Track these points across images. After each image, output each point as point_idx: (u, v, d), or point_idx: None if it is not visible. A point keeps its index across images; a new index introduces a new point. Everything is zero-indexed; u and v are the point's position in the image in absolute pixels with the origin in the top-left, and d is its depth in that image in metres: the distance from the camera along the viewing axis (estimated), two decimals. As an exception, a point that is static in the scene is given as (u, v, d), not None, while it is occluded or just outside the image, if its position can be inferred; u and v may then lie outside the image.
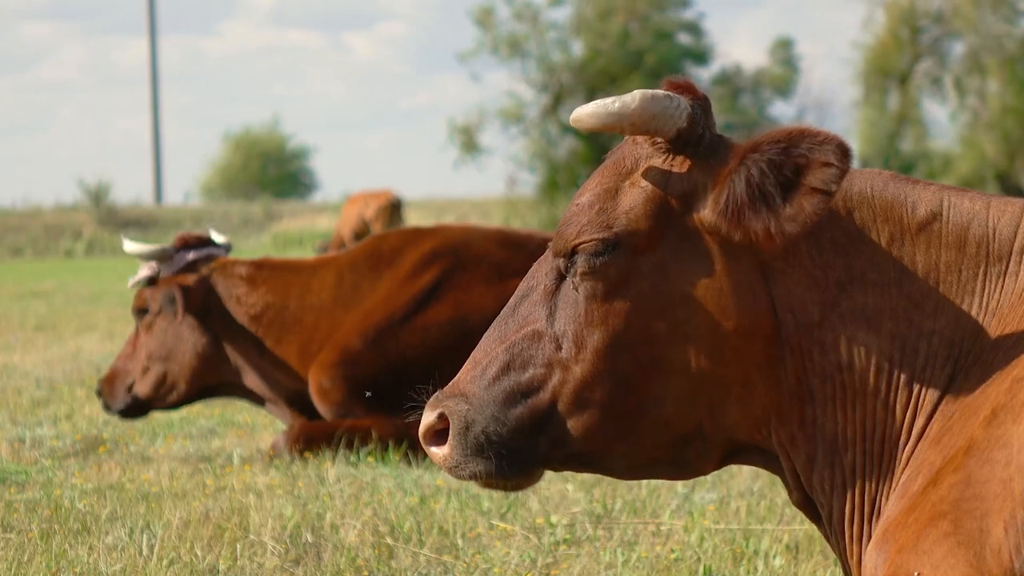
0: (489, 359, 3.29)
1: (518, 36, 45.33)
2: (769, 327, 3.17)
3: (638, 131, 3.21)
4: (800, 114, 47.86)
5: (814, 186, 3.09)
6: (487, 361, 3.29)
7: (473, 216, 45.67)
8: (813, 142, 3.10)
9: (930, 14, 47.12)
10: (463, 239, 7.97)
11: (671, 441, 3.25)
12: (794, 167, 3.11)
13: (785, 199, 3.10)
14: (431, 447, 3.29)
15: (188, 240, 8.14)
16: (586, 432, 3.23)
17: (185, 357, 7.88)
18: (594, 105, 3.20)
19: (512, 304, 3.34)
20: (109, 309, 19.72)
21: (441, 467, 3.29)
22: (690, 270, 3.19)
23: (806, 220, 3.09)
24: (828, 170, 3.08)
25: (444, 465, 3.27)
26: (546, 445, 3.24)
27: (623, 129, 3.21)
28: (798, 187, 3.10)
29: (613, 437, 3.23)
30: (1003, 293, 3.16)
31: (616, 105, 3.16)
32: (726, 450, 3.28)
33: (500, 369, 3.27)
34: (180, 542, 5.42)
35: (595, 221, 3.23)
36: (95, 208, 49.65)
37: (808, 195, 3.09)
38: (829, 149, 3.09)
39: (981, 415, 2.98)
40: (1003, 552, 2.81)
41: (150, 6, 76.31)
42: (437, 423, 3.29)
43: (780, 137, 3.13)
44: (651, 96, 3.16)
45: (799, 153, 3.10)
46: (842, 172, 3.08)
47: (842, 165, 3.08)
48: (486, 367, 3.28)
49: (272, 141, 79.12)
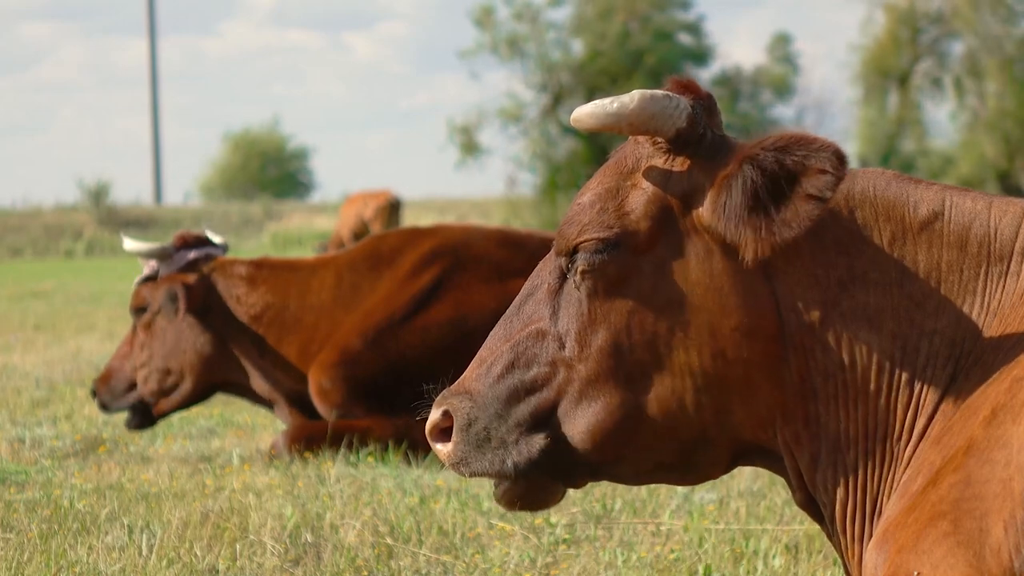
0: (494, 357, 3.30)
1: (518, 36, 45.35)
2: (772, 326, 3.17)
3: (637, 131, 3.22)
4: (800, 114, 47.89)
5: (809, 192, 3.09)
6: (492, 359, 3.30)
7: (473, 216, 45.69)
8: (810, 149, 3.11)
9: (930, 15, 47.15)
10: (463, 239, 7.97)
11: (677, 444, 3.24)
12: (790, 173, 3.11)
13: (780, 204, 3.11)
14: (436, 444, 3.31)
15: (188, 239, 8.13)
16: (590, 432, 3.23)
17: (186, 356, 7.88)
18: (593, 105, 3.20)
19: (517, 303, 3.35)
20: (109, 309, 19.73)
21: (446, 464, 3.30)
22: (691, 270, 3.19)
23: (800, 226, 3.10)
24: (823, 177, 3.09)
25: (448, 462, 3.29)
26: (550, 445, 3.24)
27: (622, 129, 3.21)
28: (793, 193, 3.11)
29: (616, 438, 3.23)
30: (1004, 293, 3.16)
31: (615, 105, 3.17)
32: (733, 452, 3.28)
33: (504, 367, 3.28)
34: (180, 542, 5.42)
35: (596, 220, 3.24)
36: (95, 208, 49.67)
37: (803, 201, 3.10)
38: (825, 156, 3.10)
39: (981, 415, 2.99)
40: (1003, 552, 2.81)
41: (150, 6, 76.35)
42: (442, 420, 3.31)
43: (777, 142, 3.13)
44: (650, 96, 3.17)
45: (795, 159, 3.11)
46: (837, 179, 3.09)
47: (837, 172, 3.09)
48: (491, 365, 3.29)
49: (272, 141, 79.14)
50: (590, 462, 3.28)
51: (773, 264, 3.18)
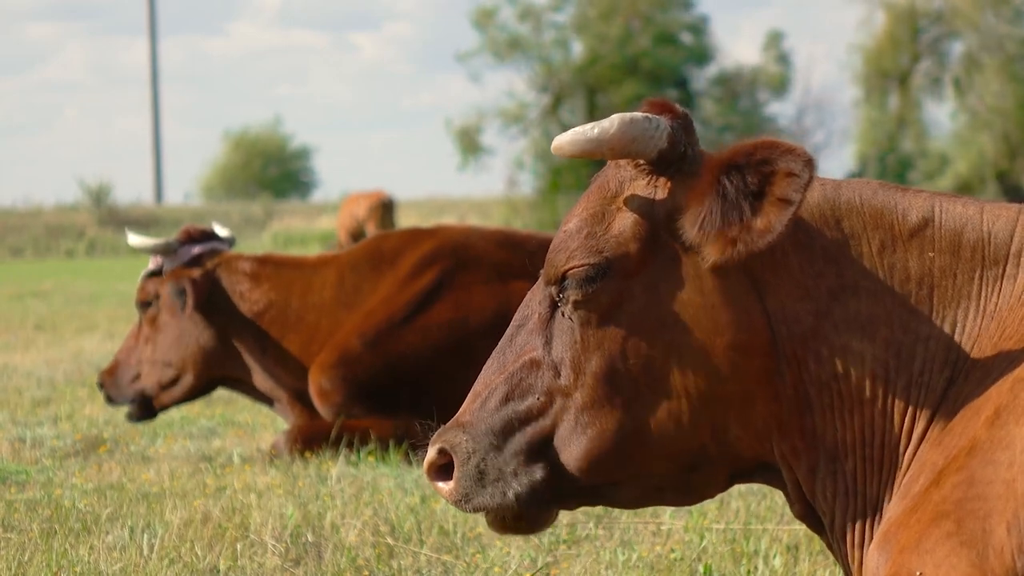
0: (489, 390, 3.27)
1: (519, 37, 45.33)
2: (764, 340, 3.17)
3: (619, 155, 3.20)
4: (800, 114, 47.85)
5: (779, 196, 3.09)
6: (487, 392, 3.28)
7: (473, 216, 45.68)
8: (777, 154, 3.11)
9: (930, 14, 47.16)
10: (463, 240, 7.98)
11: (676, 465, 3.24)
12: (761, 179, 3.11)
13: (754, 211, 3.10)
14: (436, 483, 3.27)
15: (193, 234, 8.14)
16: (588, 459, 3.21)
17: (189, 350, 7.90)
18: (573, 132, 3.18)
19: (509, 334, 3.33)
20: (109, 309, 19.73)
21: (448, 501, 3.26)
22: (681, 289, 3.18)
23: (774, 230, 3.08)
24: (792, 180, 3.08)
25: (451, 499, 3.25)
26: (551, 474, 3.22)
27: (604, 154, 3.20)
28: (764, 198, 3.10)
29: (616, 464, 3.22)
30: (1001, 296, 3.16)
31: (595, 131, 3.15)
32: (730, 470, 3.28)
33: (500, 399, 3.25)
34: (180, 542, 5.42)
35: (584, 246, 3.22)
36: (96, 208, 49.70)
37: (774, 206, 3.09)
38: (791, 159, 3.09)
39: (983, 416, 2.99)
40: (1006, 552, 2.81)
41: (150, 6, 76.34)
42: (438, 459, 3.27)
43: (747, 150, 3.14)
44: (629, 119, 3.15)
45: (764, 166, 3.11)
46: (806, 182, 3.08)
47: (805, 175, 3.08)
48: (486, 398, 3.27)
49: (273, 141, 79.11)
50: (589, 488, 3.26)
51: (762, 278, 3.17)
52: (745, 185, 3.11)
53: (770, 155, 3.11)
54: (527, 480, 3.22)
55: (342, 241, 23.44)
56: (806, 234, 3.18)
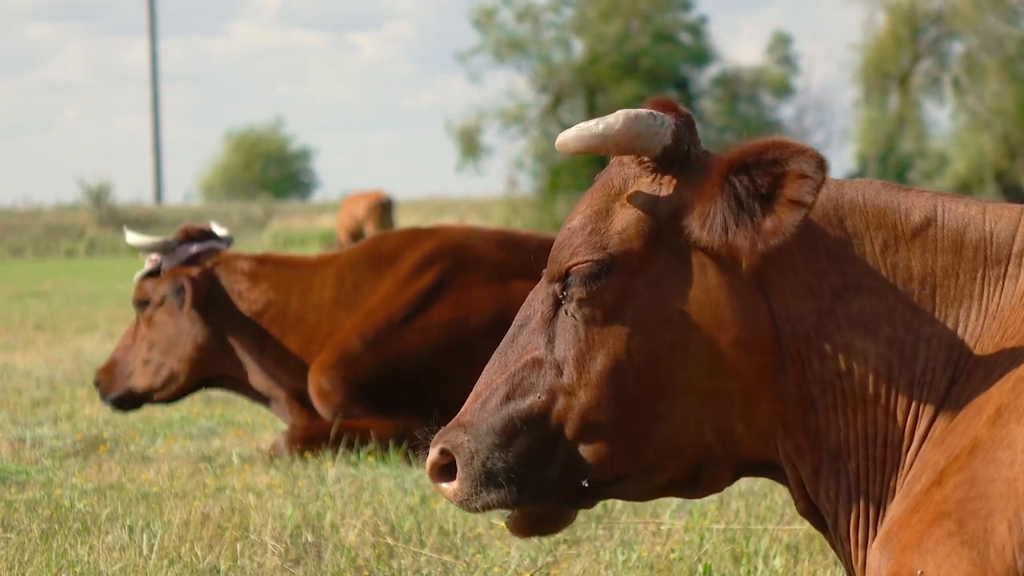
0: (490, 390, 3.26)
1: (519, 36, 45.34)
2: (768, 338, 3.17)
3: (623, 151, 3.20)
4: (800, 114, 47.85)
5: (791, 198, 3.09)
6: (488, 392, 3.26)
7: (473, 216, 45.69)
8: (789, 155, 3.10)
9: (930, 15, 47.16)
10: (463, 240, 7.97)
11: (682, 462, 3.24)
12: (771, 180, 3.11)
13: (764, 212, 3.10)
14: (439, 484, 3.25)
15: (191, 232, 8.13)
16: (595, 458, 3.21)
17: (185, 349, 7.89)
18: (577, 128, 3.18)
19: (511, 334, 3.31)
20: (109, 309, 19.73)
21: (452, 502, 3.25)
22: (685, 286, 3.17)
23: (785, 232, 3.08)
24: (805, 182, 3.08)
25: (455, 500, 3.23)
26: (556, 472, 3.22)
27: (608, 150, 3.19)
28: (775, 199, 3.10)
29: (620, 461, 3.22)
30: (1003, 296, 3.16)
31: (600, 127, 3.14)
32: (735, 467, 3.28)
33: (501, 399, 3.24)
34: (180, 542, 5.42)
35: (588, 242, 3.21)
36: (96, 208, 49.72)
37: (786, 207, 3.09)
38: (804, 161, 3.09)
39: (985, 415, 2.99)
40: (1007, 551, 2.81)
41: (150, 6, 76.37)
42: (440, 459, 3.25)
43: (758, 150, 3.13)
44: (634, 116, 3.15)
45: (776, 167, 3.10)
46: (818, 184, 3.08)
47: (818, 176, 3.08)
48: (487, 398, 3.25)
49: (273, 141, 79.14)
50: (596, 485, 3.26)
51: (767, 276, 3.17)
52: (755, 185, 3.11)
53: (781, 156, 3.10)
54: (533, 479, 3.21)
55: (342, 241, 23.46)
56: (810, 233, 3.18)
